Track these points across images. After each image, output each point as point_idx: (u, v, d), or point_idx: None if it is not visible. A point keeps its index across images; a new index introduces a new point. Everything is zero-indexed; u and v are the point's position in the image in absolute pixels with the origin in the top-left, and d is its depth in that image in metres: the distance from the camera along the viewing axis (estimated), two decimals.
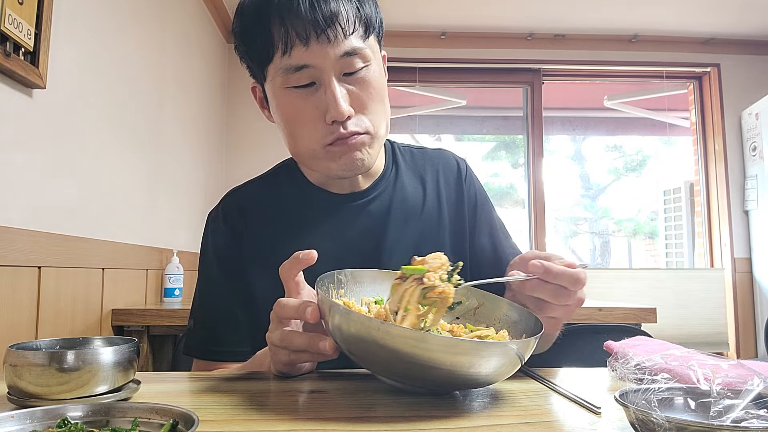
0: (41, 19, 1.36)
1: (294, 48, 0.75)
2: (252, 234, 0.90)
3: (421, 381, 0.56)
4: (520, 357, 0.54)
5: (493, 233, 0.97)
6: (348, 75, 0.79)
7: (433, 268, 0.61)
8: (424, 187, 0.96)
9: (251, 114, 3.27)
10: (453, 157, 1.02)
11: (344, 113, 0.76)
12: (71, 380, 0.52)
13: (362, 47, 0.78)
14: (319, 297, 0.60)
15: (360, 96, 0.79)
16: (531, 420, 0.50)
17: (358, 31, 0.78)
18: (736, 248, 3.30)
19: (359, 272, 0.72)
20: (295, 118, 0.80)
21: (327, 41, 0.75)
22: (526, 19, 3.21)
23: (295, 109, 0.80)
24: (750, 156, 3.29)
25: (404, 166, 0.97)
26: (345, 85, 0.78)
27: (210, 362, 0.89)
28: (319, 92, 0.78)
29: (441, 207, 0.95)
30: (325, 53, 0.75)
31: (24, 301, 1.34)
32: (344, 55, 0.76)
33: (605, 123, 4.32)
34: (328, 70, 0.76)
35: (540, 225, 3.39)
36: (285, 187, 0.95)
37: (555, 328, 0.71)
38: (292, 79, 0.78)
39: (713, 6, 3.03)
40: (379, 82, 0.82)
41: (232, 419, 0.51)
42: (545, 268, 0.62)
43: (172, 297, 2.19)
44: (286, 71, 0.77)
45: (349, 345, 0.56)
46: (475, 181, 1.00)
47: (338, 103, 0.76)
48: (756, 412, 0.41)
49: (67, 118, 1.54)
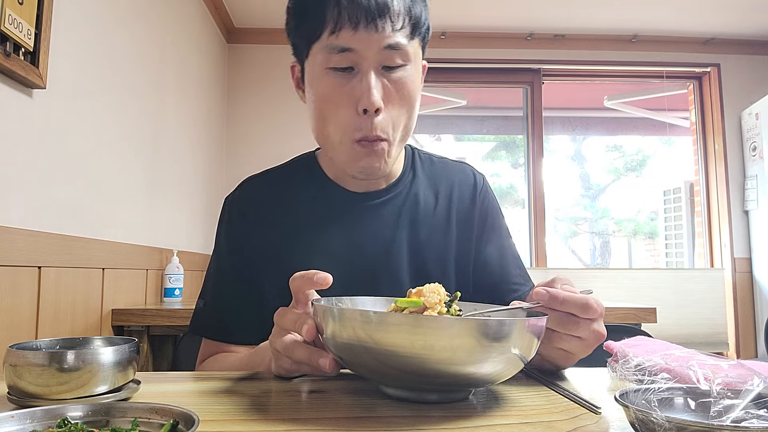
0: (41, 19, 1.36)
1: (342, 29, 0.77)
2: (264, 223, 0.92)
3: (420, 377, 0.55)
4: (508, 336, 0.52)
5: (502, 250, 0.97)
6: (387, 69, 0.80)
7: (431, 304, 0.59)
8: (436, 196, 0.96)
9: (251, 114, 3.27)
10: (471, 172, 1.02)
11: (375, 103, 0.78)
12: (71, 380, 0.52)
13: (405, 45, 0.79)
14: (315, 309, 0.59)
15: (392, 93, 0.80)
16: (531, 420, 0.50)
17: (406, 29, 0.79)
18: (736, 248, 3.30)
19: (359, 300, 0.70)
20: (329, 100, 0.81)
21: (375, 29, 0.77)
22: (526, 19, 3.21)
23: (331, 90, 0.81)
24: (750, 156, 3.29)
25: (421, 173, 0.98)
26: (382, 78, 0.80)
27: (218, 343, 0.90)
28: (355, 79, 0.79)
29: (450, 217, 0.95)
30: (370, 41, 0.77)
31: (24, 301, 1.34)
32: (387, 48, 0.78)
33: (605, 123, 4.32)
34: (369, 59, 0.78)
35: (540, 225, 3.39)
36: (302, 179, 0.96)
37: (567, 361, 0.68)
38: (333, 60, 0.79)
39: (713, 6, 3.03)
40: (413, 86, 0.83)
41: (232, 419, 0.51)
42: (550, 295, 0.60)
43: (172, 297, 2.19)
44: (330, 50, 0.79)
45: (346, 350, 0.55)
46: (489, 195, 1.01)
47: (371, 93, 0.78)
48: (756, 412, 0.41)
49: (67, 118, 1.54)
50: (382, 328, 0.50)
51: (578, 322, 0.62)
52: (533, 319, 0.54)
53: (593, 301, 0.62)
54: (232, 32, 3.29)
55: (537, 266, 3.33)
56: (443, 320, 0.52)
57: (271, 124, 3.26)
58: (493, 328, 0.50)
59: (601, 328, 0.63)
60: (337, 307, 0.56)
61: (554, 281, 0.65)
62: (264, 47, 3.31)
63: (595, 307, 0.61)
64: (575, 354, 0.65)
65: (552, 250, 3.47)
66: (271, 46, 3.30)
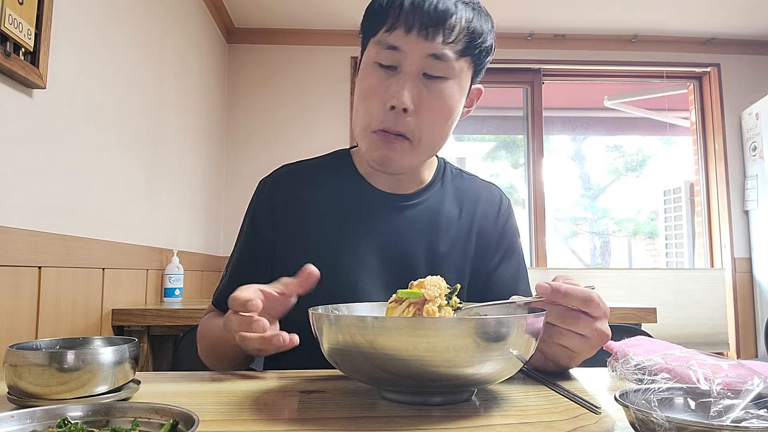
0: (41, 19, 1.36)
1: (397, 29, 0.81)
2: (290, 210, 0.94)
3: (420, 379, 0.55)
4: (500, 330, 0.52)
5: (515, 273, 0.98)
6: (427, 78, 0.82)
7: (432, 297, 0.59)
8: (460, 209, 0.98)
9: (251, 114, 3.27)
10: (499, 193, 1.04)
11: (403, 102, 0.80)
12: (71, 380, 0.52)
13: (450, 58, 0.81)
14: (311, 316, 0.58)
15: (426, 100, 0.82)
16: (531, 420, 0.50)
17: (458, 45, 0.82)
18: (736, 248, 3.29)
19: (355, 306, 0.70)
20: (368, 92, 0.85)
21: (425, 36, 0.80)
22: (526, 19, 3.21)
23: (372, 83, 0.84)
24: (750, 156, 3.29)
25: (449, 185, 1.00)
26: (420, 84, 0.82)
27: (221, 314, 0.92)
28: (395, 78, 0.82)
29: (471, 231, 0.96)
30: (417, 45, 0.80)
31: (24, 301, 1.34)
32: (431, 56, 0.81)
33: (605, 123, 4.32)
34: (412, 62, 0.81)
35: (540, 225, 3.38)
36: (333, 172, 0.98)
37: (571, 361, 0.67)
38: (381, 55, 0.83)
39: (713, 6, 3.03)
40: (450, 102, 0.84)
41: (232, 419, 0.51)
42: (553, 288, 0.61)
43: (172, 297, 2.19)
44: (381, 46, 0.83)
45: (343, 356, 0.54)
46: (511, 217, 1.03)
47: (402, 92, 0.81)
48: (756, 412, 0.41)
49: (67, 118, 1.54)
50: (384, 332, 0.50)
51: (578, 317, 0.62)
52: (532, 315, 0.54)
53: (596, 296, 0.62)
54: (232, 32, 3.29)
55: (537, 266, 3.33)
56: (444, 321, 0.52)
57: (271, 124, 3.25)
58: (493, 327, 0.50)
59: (605, 327, 0.63)
60: (334, 314, 0.56)
61: (557, 279, 0.65)
62: (264, 47, 3.31)
63: (597, 302, 0.61)
64: (578, 353, 0.65)
65: (552, 250, 3.47)
66: (271, 46, 3.30)
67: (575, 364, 0.68)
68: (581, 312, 0.62)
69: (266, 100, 3.27)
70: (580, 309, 0.62)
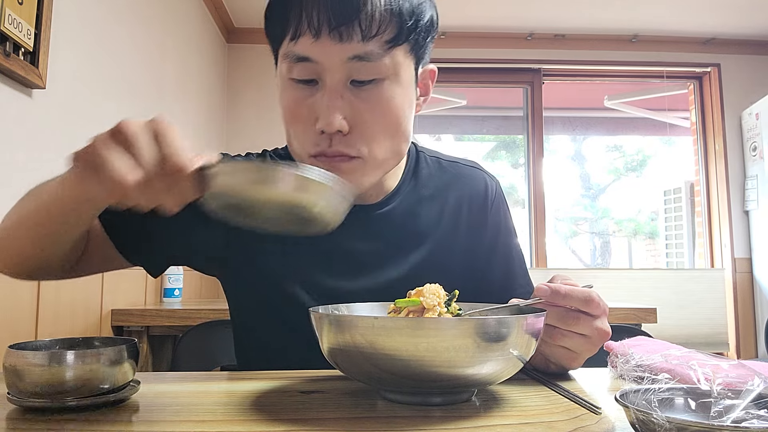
0: (41, 19, 1.36)
1: (302, 36, 0.67)
2: (243, 236, 0.82)
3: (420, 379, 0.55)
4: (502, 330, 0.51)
5: (508, 262, 0.91)
6: (357, 85, 0.69)
7: (430, 306, 0.58)
8: (442, 208, 0.86)
9: (251, 114, 3.27)
10: (483, 180, 0.91)
11: (333, 126, 0.67)
12: (71, 380, 0.52)
13: (376, 55, 0.67)
14: (312, 316, 0.58)
15: (363, 114, 0.69)
16: (531, 420, 0.50)
17: (385, 36, 0.67)
18: (736, 248, 3.29)
19: (355, 306, 0.69)
20: (291, 114, 0.72)
21: (338, 38, 0.65)
22: (526, 19, 3.21)
23: (293, 104, 0.72)
24: (750, 156, 3.29)
25: (425, 180, 0.87)
26: (350, 95, 0.69)
27: None
28: (318, 93, 0.69)
29: (457, 232, 0.86)
30: (332, 50, 0.66)
31: (24, 301, 1.34)
32: (352, 59, 0.66)
33: (605, 123, 4.32)
34: (331, 71, 0.68)
35: (540, 225, 3.38)
36: None
37: (573, 362, 0.65)
38: (294, 70, 0.70)
39: (713, 6, 3.03)
40: (394, 103, 0.70)
41: (232, 419, 0.51)
42: (552, 290, 0.59)
43: (171, 297, 2.19)
44: (290, 59, 0.70)
45: (344, 357, 0.54)
46: (501, 206, 0.92)
47: (329, 113, 0.67)
48: (756, 412, 0.41)
49: (67, 118, 1.54)
50: (384, 332, 0.50)
51: (578, 317, 0.61)
52: (533, 316, 0.54)
53: (595, 295, 0.61)
54: (232, 32, 3.28)
55: (537, 266, 3.32)
56: (444, 321, 0.52)
57: (271, 124, 3.25)
58: (494, 327, 0.50)
59: (605, 325, 0.62)
60: (334, 314, 0.56)
61: (554, 279, 0.64)
62: (264, 47, 3.24)
63: (597, 301, 0.60)
64: (579, 353, 0.64)
65: (552, 250, 3.47)
66: None
67: (578, 364, 0.67)
68: (581, 312, 0.61)
69: (266, 99, 3.27)
70: (580, 309, 0.61)
